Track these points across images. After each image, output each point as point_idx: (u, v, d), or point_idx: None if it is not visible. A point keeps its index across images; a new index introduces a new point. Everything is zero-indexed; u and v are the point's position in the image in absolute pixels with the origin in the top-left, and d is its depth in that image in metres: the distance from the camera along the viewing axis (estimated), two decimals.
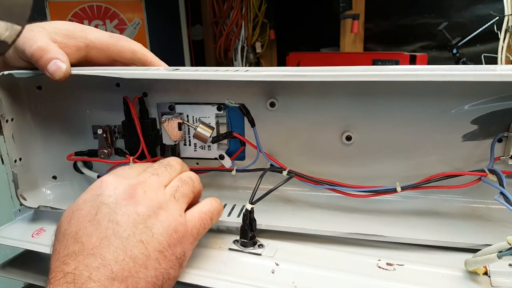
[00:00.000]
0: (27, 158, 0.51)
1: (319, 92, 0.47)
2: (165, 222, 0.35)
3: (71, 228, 0.33)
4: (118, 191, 0.35)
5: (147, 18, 1.81)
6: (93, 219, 0.33)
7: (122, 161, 0.51)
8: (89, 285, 0.30)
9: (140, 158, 0.51)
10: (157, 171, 0.39)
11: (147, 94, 0.51)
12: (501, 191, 0.37)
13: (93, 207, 0.34)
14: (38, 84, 0.50)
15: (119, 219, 0.33)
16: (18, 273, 0.50)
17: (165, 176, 0.39)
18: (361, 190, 0.45)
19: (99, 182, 0.37)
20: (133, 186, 0.36)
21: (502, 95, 0.42)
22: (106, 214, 0.33)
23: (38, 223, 0.52)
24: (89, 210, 0.34)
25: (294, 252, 0.42)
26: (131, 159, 0.50)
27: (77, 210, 0.35)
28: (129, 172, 0.39)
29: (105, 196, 0.35)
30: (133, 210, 0.34)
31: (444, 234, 0.41)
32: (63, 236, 0.33)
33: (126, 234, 0.33)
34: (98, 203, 0.34)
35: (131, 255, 0.32)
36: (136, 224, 0.33)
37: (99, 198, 0.35)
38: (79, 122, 0.53)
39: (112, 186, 0.36)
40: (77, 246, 0.32)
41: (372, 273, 0.37)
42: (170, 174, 0.40)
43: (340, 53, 1.67)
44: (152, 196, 0.36)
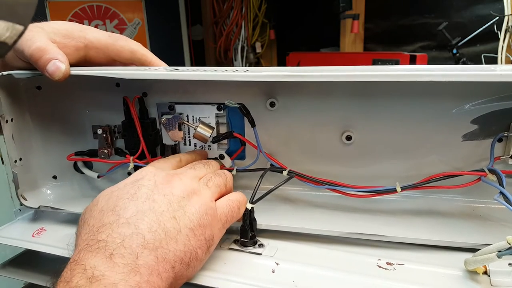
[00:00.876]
0: (27, 158, 0.51)
1: (319, 92, 0.47)
2: (197, 204, 0.37)
3: (108, 204, 0.36)
4: (157, 178, 0.38)
5: (147, 18, 1.81)
6: (131, 197, 0.36)
7: (122, 161, 0.51)
8: (120, 251, 0.31)
9: (140, 158, 0.51)
10: (195, 166, 0.43)
11: (147, 94, 0.51)
12: (501, 190, 0.37)
13: (133, 188, 0.37)
14: (38, 84, 0.50)
15: (156, 198, 0.36)
16: (18, 272, 0.50)
17: (202, 171, 0.43)
18: (361, 190, 0.45)
19: (140, 171, 0.40)
20: (171, 175, 0.39)
21: (502, 95, 0.42)
22: (144, 193, 0.36)
23: (39, 223, 0.52)
24: (128, 190, 0.37)
25: (294, 251, 0.42)
26: (131, 159, 0.50)
27: (117, 190, 0.37)
28: (167, 166, 0.43)
29: (145, 181, 0.38)
30: (169, 191, 0.37)
31: (444, 234, 0.41)
32: (100, 212, 0.35)
33: (160, 210, 0.35)
34: (138, 185, 0.37)
35: (164, 228, 0.34)
36: (171, 202, 0.36)
37: (139, 182, 0.38)
38: (79, 122, 0.53)
39: (151, 174, 0.39)
40: (112, 217, 0.34)
41: (372, 272, 0.37)
42: (206, 170, 0.43)
43: (340, 53, 1.67)
44: (187, 182, 0.39)
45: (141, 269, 0.31)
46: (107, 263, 0.30)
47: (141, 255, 0.31)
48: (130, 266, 0.30)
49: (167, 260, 0.32)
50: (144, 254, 0.31)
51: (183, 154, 0.47)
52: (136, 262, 0.31)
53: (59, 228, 0.51)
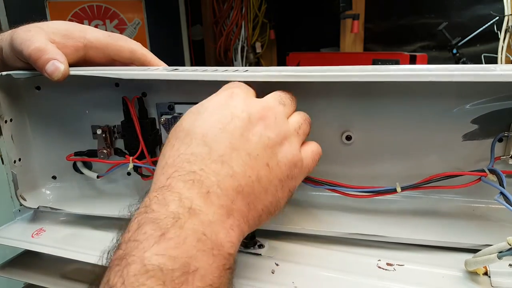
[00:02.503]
0: (27, 159, 0.51)
1: (319, 92, 0.47)
2: (289, 154, 0.35)
3: (196, 129, 0.33)
4: (250, 108, 0.34)
5: (147, 18, 1.81)
6: (224, 128, 0.32)
7: (122, 161, 0.51)
8: (216, 190, 0.30)
9: (140, 158, 0.51)
10: (284, 101, 0.38)
11: (147, 94, 0.51)
12: (501, 191, 0.36)
13: (225, 116, 0.33)
14: (37, 85, 0.50)
15: (251, 137, 0.33)
16: (18, 273, 0.50)
17: (290, 109, 0.39)
18: (361, 191, 0.45)
19: (230, 93, 0.36)
20: (265, 108, 0.35)
21: (502, 95, 0.42)
22: (239, 127, 0.33)
23: (38, 223, 0.52)
24: (219, 117, 0.33)
25: (294, 252, 0.42)
26: (131, 159, 0.50)
27: (205, 112, 0.34)
28: (250, 91, 0.38)
29: (238, 110, 0.34)
30: (264, 132, 0.33)
31: (444, 234, 0.41)
32: (186, 135, 0.33)
33: (255, 154, 0.32)
34: (230, 113, 0.33)
35: (258, 175, 0.32)
36: (265, 147, 0.33)
37: (231, 109, 0.34)
38: (78, 122, 0.53)
39: (244, 101, 0.35)
40: (204, 149, 0.31)
41: (372, 273, 0.37)
42: (293, 107, 0.39)
43: (340, 53, 1.67)
44: (281, 124, 0.35)
45: (235, 214, 0.30)
46: (204, 199, 0.29)
47: (236, 200, 0.30)
48: (226, 209, 0.30)
49: (256, 210, 0.32)
50: (238, 199, 0.31)
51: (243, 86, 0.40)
52: (231, 206, 0.30)
53: (59, 228, 0.51)
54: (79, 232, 0.50)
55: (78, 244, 0.46)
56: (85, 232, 0.49)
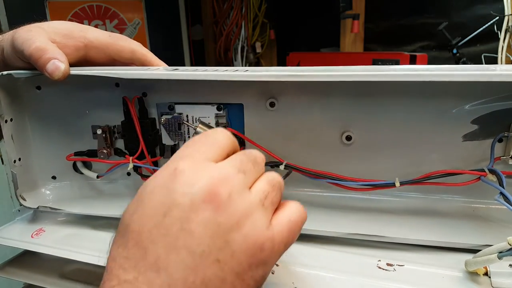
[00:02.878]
0: (27, 159, 0.51)
1: (319, 92, 0.47)
2: (250, 237, 0.27)
3: (133, 225, 0.27)
4: (195, 188, 0.27)
5: (147, 18, 1.81)
6: (160, 223, 0.26)
7: (122, 161, 0.51)
8: None
9: (140, 158, 0.51)
10: (244, 167, 0.30)
11: (147, 94, 0.51)
12: (501, 191, 0.36)
13: (162, 204, 0.27)
14: (37, 84, 0.50)
15: (194, 229, 0.26)
16: (17, 273, 0.50)
17: (252, 176, 0.30)
18: (361, 184, 0.45)
19: (173, 169, 0.28)
20: (216, 184, 0.27)
21: (502, 95, 0.42)
22: (178, 219, 0.26)
23: (38, 223, 0.52)
24: (156, 207, 0.27)
25: (294, 252, 0.41)
26: (131, 159, 0.50)
27: (142, 202, 0.28)
28: (209, 155, 0.30)
29: (179, 194, 0.27)
30: (212, 218, 0.26)
31: (444, 235, 0.41)
32: (125, 232, 0.27)
33: (200, 250, 0.26)
34: (169, 201, 0.27)
35: (203, 278, 0.26)
36: (214, 237, 0.26)
37: (171, 194, 0.27)
38: (78, 122, 0.53)
39: (188, 179, 0.27)
40: (138, 251, 0.26)
41: (372, 273, 0.37)
42: (257, 174, 0.31)
43: (340, 53, 1.66)
44: (237, 201, 0.27)
45: None
46: None
47: None
48: None
49: None
50: None
51: (220, 134, 0.32)
52: None
53: (58, 228, 0.50)
54: (79, 232, 0.49)
55: (78, 244, 0.46)
56: (84, 232, 0.49)
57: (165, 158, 0.52)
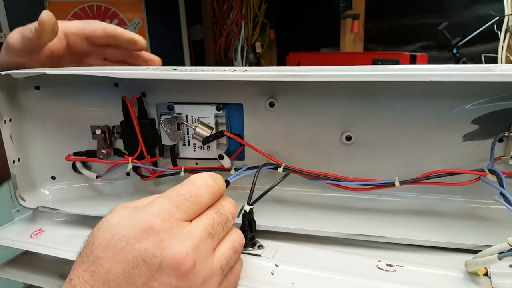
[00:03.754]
0: (26, 159, 0.51)
1: (319, 92, 0.47)
2: None
3: (104, 261, 0.29)
4: (166, 253, 0.29)
5: (147, 18, 1.81)
6: (128, 273, 0.29)
7: (121, 161, 0.51)
8: None
9: (139, 159, 0.51)
10: (214, 230, 0.33)
11: (146, 94, 0.51)
12: (501, 191, 0.36)
13: (133, 257, 0.29)
14: (36, 84, 0.50)
15: (156, 287, 0.29)
16: (17, 274, 0.50)
17: (219, 238, 0.33)
18: (359, 184, 0.45)
19: (147, 227, 0.30)
20: (184, 255, 0.30)
21: (503, 95, 0.42)
22: (144, 274, 0.29)
23: (37, 223, 0.52)
24: (127, 256, 0.29)
25: (293, 253, 0.41)
26: (130, 160, 0.50)
27: (116, 243, 0.30)
28: (186, 216, 0.32)
29: (149, 254, 0.29)
30: (174, 283, 0.29)
31: (444, 235, 0.41)
32: (95, 261, 0.30)
33: None
34: (139, 257, 0.29)
35: None
36: None
37: (142, 252, 0.29)
38: (77, 122, 0.53)
39: (160, 243, 0.30)
40: (103, 286, 0.29)
41: (372, 274, 0.37)
42: (224, 233, 0.34)
43: (340, 53, 1.66)
44: (200, 270, 0.30)
45: None
46: None
47: None
48: None
49: None
50: None
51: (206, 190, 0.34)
52: None
53: (58, 229, 0.50)
54: (78, 232, 0.49)
55: (77, 244, 0.46)
56: (84, 233, 0.48)
57: (165, 158, 0.52)
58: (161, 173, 0.52)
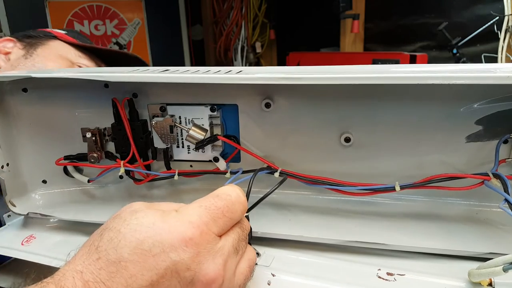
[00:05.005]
0: (15, 163, 0.49)
1: (317, 93, 0.46)
2: None
3: (129, 264, 0.28)
4: (200, 267, 0.29)
5: (147, 18, 1.81)
6: (157, 282, 0.28)
7: (112, 165, 0.49)
8: None
9: (131, 162, 0.49)
10: (239, 246, 0.33)
11: (137, 95, 0.49)
12: (505, 197, 0.35)
13: (166, 267, 0.28)
14: (23, 87, 0.48)
15: None
16: (7, 280, 0.49)
17: (242, 253, 0.34)
18: (359, 188, 0.43)
19: (187, 238, 0.29)
20: (218, 272, 0.30)
21: (507, 94, 0.41)
22: (173, 287, 0.29)
23: (28, 229, 0.50)
24: (159, 265, 0.28)
25: (291, 261, 0.40)
26: (122, 163, 0.49)
27: (149, 249, 0.28)
28: (220, 230, 0.32)
29: (184, 266, 0.29)
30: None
31: (446, 242, 0.40)
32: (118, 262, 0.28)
33: None
34: (173, 268, 0.28)
35: None
36: None
37: (177, 263, 0.28)
38: (67, 124, 0.51)
39: (197, 257, 0.29)
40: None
41: (371, 284, 0.36)
42: (244, 250, 0.34)
43: (340, 53, 1.66)
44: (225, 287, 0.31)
45: None
46: None
47: None
48: None
49: None
50: None
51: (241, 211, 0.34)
52: None
53: (49, 235, 0.49)
54: (70, 239, 0.48)
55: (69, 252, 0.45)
56: (76, 239, 0.48)
57: (158, 160, 0.51)
58: (155, 176, 0.50)
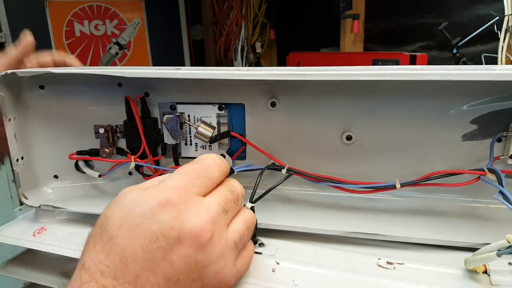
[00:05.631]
0: (29, 157, 0.51)
1: (320, 92, 0.48)
2: (220, 275, 0.31)
3: (118, 239, 0.29)
4: (184, 225, 0.29)
5: (147, 18, 1.81)
6: (146, 248, 0.29)
7: (124, 160, 0.51)
8: None
9: (142, 158, 0.51)
10: (228, 206, 0.33)
11: (149, 94, 0.51)
12: (500, 190, 0.37)
13: (151, 232, 0.29)
14: (41, 84, 0.50)
15: (175, 260, 0.29)
16: (19, 272, 0.50)
17: (232, 214, 0.34)
18: (361, 186, 0.45)
19: (164, 200, 0.30)
20: (203, 227, 0.30)
21: (501, 95, 0.43)
22: (162, 248, 0.29)
23: (39, 222, 0.52)
24: (145, 232, 0.29)
25: (294, 251, 0.42)
26: (133, 159, 0.50)
27: (132, 220, 0.29)
28: (201, 190, 0.33)
29: (167, 227, 0.29)
30: (192, 255, 0.29)
31: (444, 233, 0.41)
32: (108, 241, 0.29)
33: (175, 278, 0.29)
34: (158, 231, 0.29)
35: None
36: (190, 271, 0.29)
37: (160, 226, 0.29)
38: (81, 121, 0.53)
39: (178, 215, 0.30)
40: (120, 264, 0.29)
41: (372, 271, 0.37)
42: (236, 211, 0.35)
43: (340, 53, 1.67)
44: (216, 243, 0.31)
45: None
46: None
47: None
48: None
49: None
50: None
51: (216, 166, 0.35)
52: None
53: (60, 227, 0.51)
54: (81, 230, 0.50)
55: (79, 243, 0.46)
56: (86, 231, 0.48)
57: (167, 157, 0.53)
58: (163, 172, 0.52)
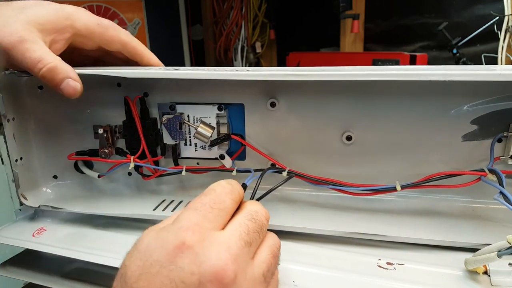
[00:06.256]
0: (28, 158, 0.51)
1: (320, 93, 0.48)
2: None
3: None
4: (204, 268, 0.27)
5: (147, 18, 1.81)
6: None
7: (123, 160, 0.51)
8: None
9: (141, 158, 0.51)
10: (251, 238, 0.31)
11: (148, 94, 0.51)
12: (501, 190, 0.37)
13: (170, 280, 0.27)
14: (39, 84, 0.50)
15: None
16: (18, 272, 0.50)
17: (256, 245, 0.32)
18: (361, 189, 0.45)
19: (179, 243, 0.28)
20: (223, 266, 0.27)
21: (502, 95, 0.43)
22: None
23: (39, 222, 0.52)
24: (162, 282, 0.27)
25: (294, 251, 0.42)
26: (132, 159, 0.50)
27: (149, 270, 0.27)
28: (216, 224, 0.30)
29: (187, 273, 0.27)
30: None
31: (444, 234, 0.41)
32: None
33: None
34: (177, 279, 0.27)
35: None
36: None
37: (179, 273, 0.27)
38: (80, 121, 0.53)
39: (196, 258, 0.27)
40: None
41: (372, 272, 0.37)
42: (260, 241, 0.32)
43: (340, 53, 1.67)
44: (241, 282, 0.28)
45: None
46: None
47: None
48: None
49: None
50: None
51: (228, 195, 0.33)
52: None
53: (59, 227, 0.51)
54: (80, 231, 0.50)
55: (79, 243, 0.46)
56: (85, 231, 0.49)
57: (166, 157, 0.53)
58: (163, 172, 0.52)
